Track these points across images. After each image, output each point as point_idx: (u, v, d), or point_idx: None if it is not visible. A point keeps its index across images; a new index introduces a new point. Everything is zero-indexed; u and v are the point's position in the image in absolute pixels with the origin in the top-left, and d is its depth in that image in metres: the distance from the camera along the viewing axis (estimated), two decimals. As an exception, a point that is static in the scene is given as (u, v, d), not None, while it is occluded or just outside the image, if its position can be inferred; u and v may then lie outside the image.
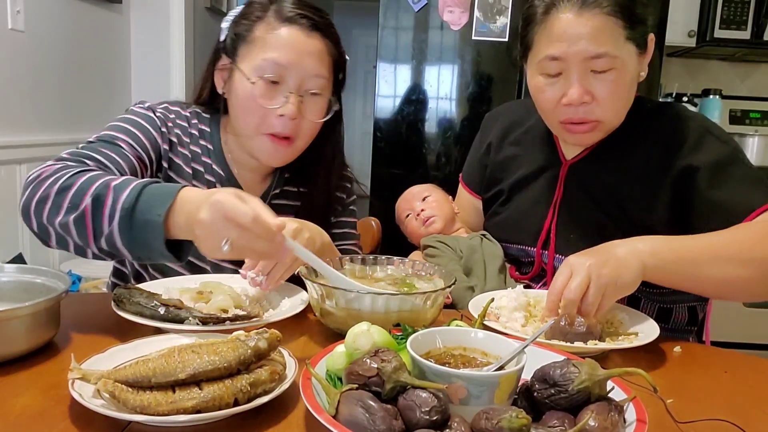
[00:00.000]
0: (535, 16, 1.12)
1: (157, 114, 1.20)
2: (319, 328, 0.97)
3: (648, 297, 1.17)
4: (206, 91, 1.27)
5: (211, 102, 1.27)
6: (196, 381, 0.65)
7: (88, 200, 0.90)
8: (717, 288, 1.03)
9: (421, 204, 1.46)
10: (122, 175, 1.04)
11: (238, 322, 0.90)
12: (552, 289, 0.93)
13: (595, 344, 0.87)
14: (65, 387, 0.66)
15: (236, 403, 0.65)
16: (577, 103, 1.09)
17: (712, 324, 1.37)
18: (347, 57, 1.24)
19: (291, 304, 1.01)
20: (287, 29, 1.15)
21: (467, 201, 1.48)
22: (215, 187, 1.22)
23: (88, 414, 0.64)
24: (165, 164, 1.20)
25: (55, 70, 2.42)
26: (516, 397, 0.65)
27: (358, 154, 8.36)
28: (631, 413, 0.62)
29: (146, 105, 1.23)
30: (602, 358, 0.89)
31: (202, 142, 1.25)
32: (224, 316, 0.91)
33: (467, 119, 2.85)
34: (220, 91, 1.22)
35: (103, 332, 0.92)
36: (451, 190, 1.54)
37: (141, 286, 0.98)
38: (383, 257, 1.07)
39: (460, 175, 1.52)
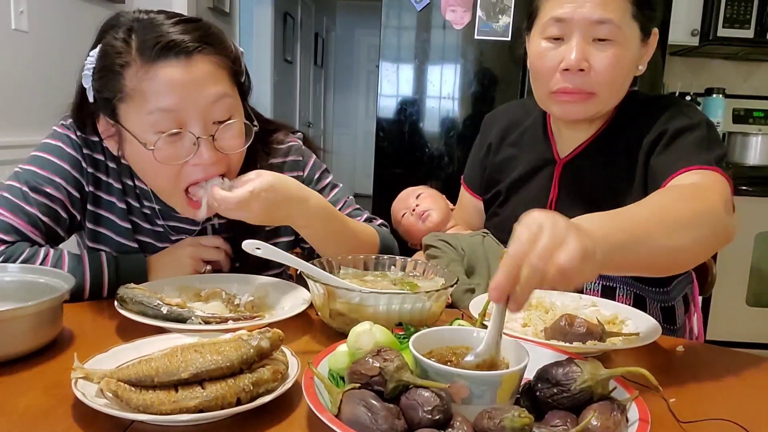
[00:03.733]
0: None
1: (78, 133, 1.10)
2: (321, 328, 0.97)
3: (652, 296, 1.17)
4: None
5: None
6: (198, 380, 0.65)
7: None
8: (670, 258, 0.90)
9: (416, 200, 1.47)
10: (42, 234, 1.05)
11: (240, 322, 0.90)
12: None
13: (594, 344, 0.87)
14: (68, 386, 0.66)
15: (239, 403, 0.65)
16: (575, 68, 1.08)
17: (714, 323, 1.37)
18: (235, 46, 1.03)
19: (293, 304, 1.01)
20: (163, 67, 0.93)
21: (469, 202, 1.47)
22: (144, 200, 1.14)
23: (90, 413, 0.64)
24: (91, 187, 1.10)
25: (59, 70, 2.42)
26: (518, 396, 0.65)
27: (361, 154, 8.38)
28: (633, 413, 0.62)
29: (68, 122, 1.11)
30: (604, 357, 0.89)
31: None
32: (227, 315, 0.91)
33: (470, 119, 2.84)
34: (115, 153, 1.06)
35: (105, 331, 0.92)
36: (454, 190, 1.54)
37: (143, 285, 0.98)
38: (385, 257, 1.07)
39: (462, 176, 1.51)
